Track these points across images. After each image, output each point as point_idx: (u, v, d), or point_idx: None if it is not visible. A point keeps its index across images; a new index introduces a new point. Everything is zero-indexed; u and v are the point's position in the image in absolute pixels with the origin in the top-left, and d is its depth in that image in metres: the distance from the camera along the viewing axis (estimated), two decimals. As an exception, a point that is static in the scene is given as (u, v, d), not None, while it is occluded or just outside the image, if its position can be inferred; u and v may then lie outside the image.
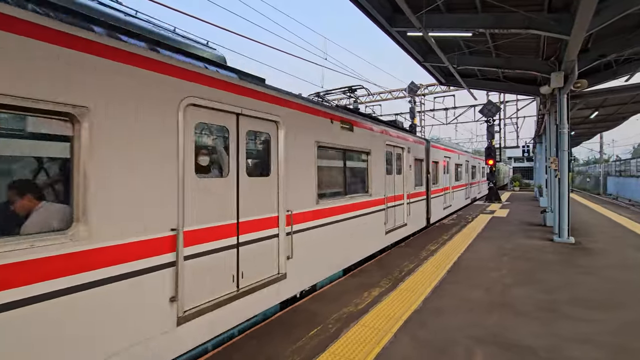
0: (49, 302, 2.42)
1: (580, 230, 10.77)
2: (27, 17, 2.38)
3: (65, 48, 2.57)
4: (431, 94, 28.35)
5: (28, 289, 2.33)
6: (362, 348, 3.65)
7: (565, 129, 9.04)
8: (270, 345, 3.72)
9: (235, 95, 4.00)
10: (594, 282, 5.84)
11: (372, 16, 7.91)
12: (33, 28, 2.40)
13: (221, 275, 3.78)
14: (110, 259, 2.76)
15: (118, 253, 2.82)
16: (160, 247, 3.14)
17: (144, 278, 2.99)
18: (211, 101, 3.67)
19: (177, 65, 3.37)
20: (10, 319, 2.25)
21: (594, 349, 3.63)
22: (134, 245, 2.94)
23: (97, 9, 3.54)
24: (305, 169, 5.27)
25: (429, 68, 12.07)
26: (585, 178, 49.91)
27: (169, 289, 3.19)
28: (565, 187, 9.13)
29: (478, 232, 10.61)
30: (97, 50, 2.76)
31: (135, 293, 2.93)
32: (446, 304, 4.86)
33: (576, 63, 8.24)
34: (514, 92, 16.95)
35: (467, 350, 3.58)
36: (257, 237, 4.30)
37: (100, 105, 2.75)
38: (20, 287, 2.30)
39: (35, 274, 2.37)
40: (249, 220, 4.15)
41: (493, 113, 21.34)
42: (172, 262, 3.23)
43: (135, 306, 2.94)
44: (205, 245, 3.59)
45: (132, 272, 2.91)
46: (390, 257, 7.59)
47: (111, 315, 2.76)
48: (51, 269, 2.44)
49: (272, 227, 4.55)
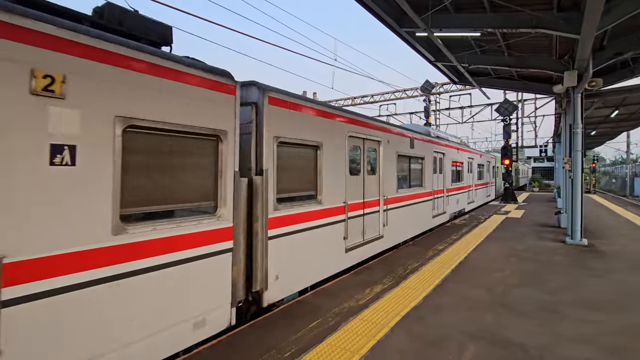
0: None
1: (596, 232, 10.51)
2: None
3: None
4: (446, 93, 27.99)
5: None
6: (359, 340, 3.81)
7: (579, 129, 8.87)
8: (272, 335, 3.93)
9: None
10: (601, 284, 5.78)
11: (381, 17, 8.00)
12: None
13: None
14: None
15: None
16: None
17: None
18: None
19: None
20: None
21: (589, 348, 3.66)
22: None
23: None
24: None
25: (441, 67, 12.02)
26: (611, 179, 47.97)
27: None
28: (579, 187, 8.96)
29: (489, 232, 10.52)
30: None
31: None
32: (446, 301, 4.95)
33: (590, 61, 8.09)
34: (528, 91, 16.59)
35: (460, 345, 3.69)
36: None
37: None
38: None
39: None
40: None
41: (510, 112, 20.95)
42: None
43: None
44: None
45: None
46: (396, 255, 7.68)
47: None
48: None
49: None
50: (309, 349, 3.61)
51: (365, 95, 30.50)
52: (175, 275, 3.31)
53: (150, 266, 3.11)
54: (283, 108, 4.83)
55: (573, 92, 8.90)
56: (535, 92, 19.79)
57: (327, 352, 3.55)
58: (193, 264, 3.48)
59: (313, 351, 3.57)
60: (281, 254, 4.71)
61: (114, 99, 2.88)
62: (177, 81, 3.37)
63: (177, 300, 3.34)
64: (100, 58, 2.80)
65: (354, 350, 3.59)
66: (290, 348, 3.64)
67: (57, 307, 2.53)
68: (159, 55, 3.25)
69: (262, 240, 4.39)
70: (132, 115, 3.00)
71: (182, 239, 3.39)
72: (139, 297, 3.02)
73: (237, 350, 3.60)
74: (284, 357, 3.47)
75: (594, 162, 36.86)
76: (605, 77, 9.26)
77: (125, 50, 2.98)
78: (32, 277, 2.41)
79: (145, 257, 3.07)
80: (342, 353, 3.54)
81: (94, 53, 2.77)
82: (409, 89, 28.72)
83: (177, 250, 3.33)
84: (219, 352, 3.58)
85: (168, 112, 3.29)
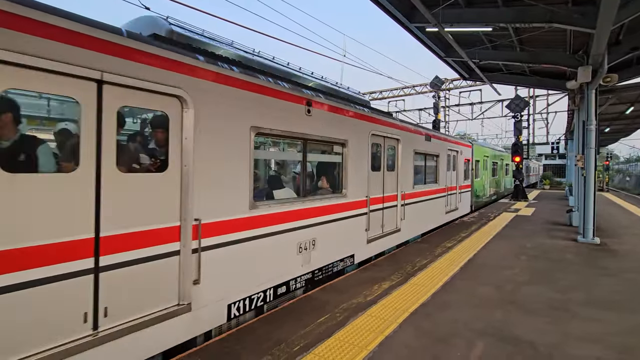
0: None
1: (609, 231, 10.34)
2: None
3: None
4: (456, 89, 27.61)
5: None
6: (367, 336, 3.84)
7: (593, 126, 8.71)
8: (281, 330, 3.99)
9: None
10: (613, 283, 5.70)
11: (390, 12, 7.94)
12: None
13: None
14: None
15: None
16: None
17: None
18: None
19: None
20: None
21: (599, 348, 3.63)
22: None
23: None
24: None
25: (451, 63, 11.90)
26: (625, 177, 46.91)
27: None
28: (591, 185, 8.81)
29: (498, 230, 10.43)
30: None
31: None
32: (454, 298, 4.95)
33: (605, 57, 7.91)
34: (540, 87, 16.28)
35: (467, 342, 3.69)
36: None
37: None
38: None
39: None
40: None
41: (521, 108, 20.58)
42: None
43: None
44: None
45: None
46: (404, 252, 7.68)
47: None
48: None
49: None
50: (317, 344, 3.65)
51: (373, 91, 30.28)
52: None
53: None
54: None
55: (587, 88, 8.72)
56: (548, 88, 19.43)
57: (335, 347, 3.59)
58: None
59: (322, 345, 3.61)
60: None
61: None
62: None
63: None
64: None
65: (362, 346, 3.62)
66: (299, 342, 3.69)
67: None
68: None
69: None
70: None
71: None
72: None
73: (247, 344, 3.66)
74: (293, 350, 3.52)
75: (607, 160, 36.08)
76: (621, 73, 9.05)
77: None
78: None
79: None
80: (351, 348, 3.57)
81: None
82: (417, 85, 28.44)
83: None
84: (229, 346, 3.65)
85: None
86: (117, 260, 2.87)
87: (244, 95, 4.10)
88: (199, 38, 4.46)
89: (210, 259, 3.66)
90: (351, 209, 6.18)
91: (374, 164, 6.92)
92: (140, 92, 3.03)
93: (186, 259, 3.39)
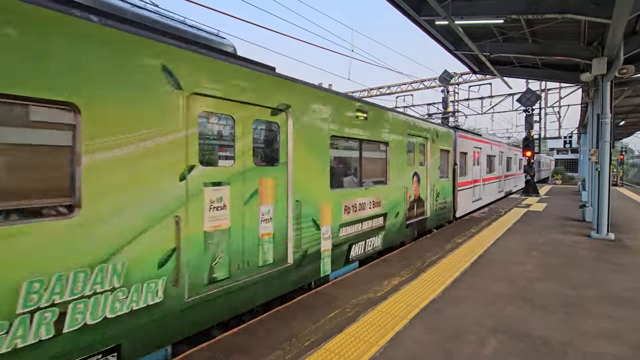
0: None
1: (623, 226, 10.13)
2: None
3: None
4: (466, 83, 27.18)
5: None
6: (377, 331, 3.85)
7: (608, 119, 8.50)
8: (292, 324, 4.02)
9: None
10: (627, 280, 5.60)
11: (399, 5, 7.82)
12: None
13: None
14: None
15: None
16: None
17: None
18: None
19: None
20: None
21: (613, 344, 3.58)
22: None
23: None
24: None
25: (461, 57, 11.69)
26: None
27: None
28: (606, 180, 8.62)
29: (509, 226, 10.31)
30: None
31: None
32: (465, 294, 4.92)
33: (622, 48, 7.69)
34: (553, 80, 15.95)
35: (479, 338, 3.67)
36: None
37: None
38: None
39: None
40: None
41: (532, 102, 20.19)
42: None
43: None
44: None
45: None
46: (414, 248, 7.65)
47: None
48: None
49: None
50: (328, 339, 3.67)
51: (381, 86, 30.01)
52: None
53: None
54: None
55: (602, 80, 8.51)
56: (561, 81, 19.02)
57: (346, 342, 3.61)
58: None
59: (332, 341, 3.63)
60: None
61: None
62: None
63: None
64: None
65: (372, 342, 3.63)
66: (310, 337, 3.72)
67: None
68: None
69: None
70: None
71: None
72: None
73: (259, 338, 3.70)
74: (305, 345, 3.55)
75: (622, 154, 35.25)
76: (637, 64, 8.79)
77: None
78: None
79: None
80: (361, 344, 3.58)
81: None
82: (426, 80, 28.08)
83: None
84: (241, 339, 3.69)
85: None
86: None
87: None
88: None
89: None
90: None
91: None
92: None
93: None
